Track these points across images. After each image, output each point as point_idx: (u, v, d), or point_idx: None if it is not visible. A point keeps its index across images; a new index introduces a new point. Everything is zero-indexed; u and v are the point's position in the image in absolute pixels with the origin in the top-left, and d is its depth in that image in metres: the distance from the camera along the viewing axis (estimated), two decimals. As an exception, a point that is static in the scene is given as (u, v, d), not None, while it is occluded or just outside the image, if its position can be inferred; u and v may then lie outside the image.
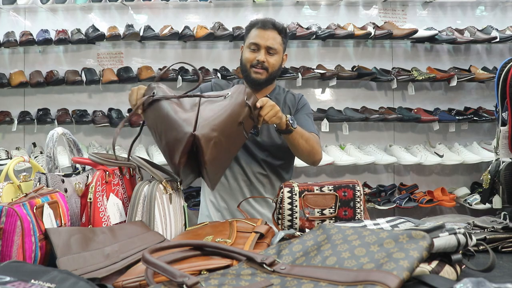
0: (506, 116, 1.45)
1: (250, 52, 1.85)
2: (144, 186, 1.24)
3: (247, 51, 1.87)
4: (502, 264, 1.09)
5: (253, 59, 1.84)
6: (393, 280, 0.67)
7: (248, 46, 1.86)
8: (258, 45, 1.83)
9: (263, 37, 1.83)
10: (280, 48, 1.87)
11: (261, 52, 1.83)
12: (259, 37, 1.83)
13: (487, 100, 3.46)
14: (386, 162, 3.21)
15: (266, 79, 1.86)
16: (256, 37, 1.84)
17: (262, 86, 1.89)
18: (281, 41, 1.87)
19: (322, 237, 0.85)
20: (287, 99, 1.94)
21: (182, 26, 3.21)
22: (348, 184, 1.36)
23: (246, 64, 1.86)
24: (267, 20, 1.87)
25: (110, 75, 3.16)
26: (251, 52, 1.85)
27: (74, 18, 3.34)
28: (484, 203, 2.23)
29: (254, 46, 1.84)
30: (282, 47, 1.89)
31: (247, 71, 1.87)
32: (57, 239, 0.95)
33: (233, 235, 1.10)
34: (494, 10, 3.54)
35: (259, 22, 1.87)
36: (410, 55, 3.49)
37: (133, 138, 1.43)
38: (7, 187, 1.11)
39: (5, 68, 3.26)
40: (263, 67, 1.83)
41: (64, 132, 1.38)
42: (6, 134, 3.28)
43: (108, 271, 0.91)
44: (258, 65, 1.83)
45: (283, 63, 1.93)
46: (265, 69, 1.84)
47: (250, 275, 0.78)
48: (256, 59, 1.83)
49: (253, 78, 1.85)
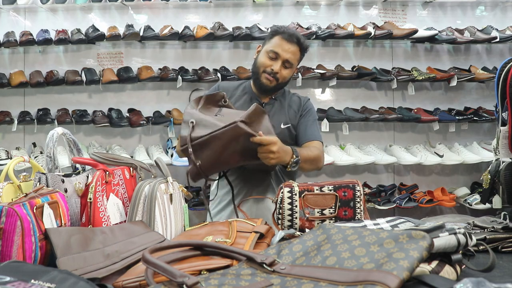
0: (506, 116, 1.45)
1: (268, 58, 1.85)
2: (145, 186, 1.24)
3: (265, 56, 1.86)
4: (502, 264, 1.09)
5: (268, 66, 1.85)
6: (393, 280, 0.67)
7: (267, 51, 1.86)
8: (277, 55, 1.83)
9: (285, 49, 1.83)
10: (296, 64, 1.90)
11: (278, 62, 1.84)
12: (281, 47, 1.83)
13: (487, 100, 3.46)
14: (386, 162, 3.21)
15: (274, 88, 1.89)
16: (278, 46, 1.84)
17: (268, 93, 1.92)
18: (299, 57, 1.90)
19: (322, 237, 0.85)
20: (292, 102, 1.96)
21: (182, 26, 3.21)
22: (348, 184, 1.36)
23: (260, 67, 1.87)
24: (293, 33, 1.87)
25: (110, 75, 3.16)
26: (268, 59, 1.85)
27: (74, 18, 3.34)
28: (484, 203, 2.23)
29: (273, 54, 1.84)
30: (298, 62, 1.92)
31: (258, 74, 1.88)
32: (57, 239, 0.95)
33: (233, 235, 1.10)
34: (494, 10, 3.54)
35: (286, 32, 1.86)
36: (410, 55, 3.49)
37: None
38: (7, 187, 1.12)
39: (5, 68, 3.26)
40: (275, 77, 1.85)
41: (64, 132, 1.38)
42: (6, 134, 3.28)
43: (108, 271, 0.91)
44: (271, 74, 1.84)
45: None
46: (276, 79, 1.85)
47: (250, 275, 0.78)
48: (271, 68, 1.84)
49: (262, 83, 1.87)
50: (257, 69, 1.89)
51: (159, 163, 1.39)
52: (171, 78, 3.14)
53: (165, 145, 3.26)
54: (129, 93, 3.37)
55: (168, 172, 1.37)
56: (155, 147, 3.20)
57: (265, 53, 1.87)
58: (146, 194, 1.23)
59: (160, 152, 3.15)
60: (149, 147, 3.23)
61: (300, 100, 1.98)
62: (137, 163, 1.42)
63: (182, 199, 1.39)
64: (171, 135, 3.19)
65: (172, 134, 3.19)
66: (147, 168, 1.43)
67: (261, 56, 1.89)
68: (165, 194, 1.26)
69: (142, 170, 1.42)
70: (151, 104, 3.34)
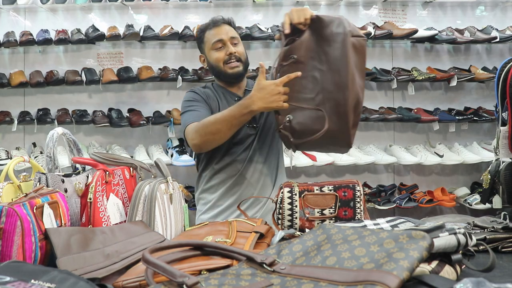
0: (506, 116, 1.45)
1: (216, 52, 1.82)
2: (145, 186, 1.24)
3: (213, 53, 1.83)
4: (502, 264, 1.09)
5: (223, 56, 1.81)
6: (393, 280, 0.67)
7: (211, 48, 1.83)
8: (222, 40, 1.81)
9: (222, 33, 1.82)
10: (239, 38, 1.87)
11: (228, 45, 1.81)
12: (218, 35, 1.82)
13: (487, 100, 3.46)
14: (386, 162, 3.21)
15: (244, 70, 1.85)
16: (215, 35, 1.82)
17: (241, 78, 1.88)
18: (235, 31, 1.88)
19: (322, 237, 0.85)
20: None
21: (182, 26, 3.21)
22: (348, 184, 1.36)
23: (218, 64, 1.83)
24: (214, 18, 1.86)
25: (110, 75, 3.16)
26: (218, 51, 1.82)
27: (74, 18, 3.34)
28: (484, 203, 2.23)
29: (218, 43, 1.81)
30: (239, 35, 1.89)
31: (221, 71, 1.84)
32: (57, 239, 0.95)
33: (233, 235, 1.10)
34: (494, 10, 3.54)
35: (210, 23, 1.86)
36: (410, 55, 3.49)
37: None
38: (7, 187, 1.12)
39: (5, 68, 3.26)
40: (236, 59, 1.82)
41: (64, 132, 1.38)
42: (6, 134, 3.28)
43: (108, 271, 0.91)
44: (232, 58, 1.81)
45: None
46: (238, 60, 1.82)
47: (250, 275, 0.78)
48: (227, 54, 1.81)
49: (231, 73, 1.82)
50: (216, 68, 1.85)
51: (159, 163, 1.39)
52: (171, 78, 3.14)
53: (165, 145, 3.26)
54: (129, 93, 3.37)
55: (168, 172, 1.37)
56: (155, 147, 3.20)
57: (211, 51, 1.84)
58: (146, 194, 1.23)
59: (160, 152, 3.15)
60: (149, 147, 3.22)
61: None
62: (137, 163, 1.42)
63: (182, 199, 1.39)
64: (171, 135, 3.19)
65: (172, 134, 3.18)
66: (147, 168, 1.43)
67: (210, 57, 1.85)
68: (165, 194, 1.26)
69: (142, 170, 1.42)
70: (151, 104, 3.34)
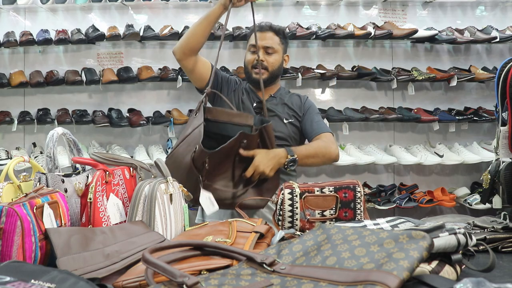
0: (506, 116, 1.45)
1: (250, 54, 1.97)
2: (145, 186, 1.24)
3: (248, 54, 1.99)
4: (502, 264, 1.09)
5: (253, 60, 1.94)
6: (393, 280, 0.67)
7: (248, 49, 1.99)
8: (255, 46, 1.91)
9: (260, 38, 1.93)
10: (278, 48, 1.96)
11: (260, 52, 1.92)
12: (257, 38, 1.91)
13: (487, 100, 3.46)
14: (386, 162, 3.21)
15: (268, 78, 1.95)
16: (253, 39, 1.93)
17: (265, 85, 1.94)
18: (279, 42, 1.97)
19: (322, 237, 0.85)
20: (293, 100, 2.00)
21: (182, 26, 3.21)
22: (348, 185, 1.36)
23: (248, 65, 1.98)
24: (265, 23, 2.00)
25: (110, 75, 3.16)
26: (251, 54, 1.97)
27: (74, 18, 3.34)
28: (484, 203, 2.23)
29: (253, 48, 1.94)
30: (281, 47, 1.98)
31: (248, 73, 1.98)
32: (57, 239, 0.95)
33: (233, 235, 1.10)
34: (494, 10, 3.53)
35: (258, 26, 1.97)
36: (410, 55, 3.49)
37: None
38: (7, 187, 1.11)
39: (5, 68, 3.25)
40: (262, 66, 1.91)
41: (64, 132, 1.38)
42: (6, 134, 3.28)
43: (108, 271, 0.91)
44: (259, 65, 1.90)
45: (285, 64, 2.03)
46: (265, 68, 1.93)
47: (250, 275, 0.78)
48: (255, 60, 1.92)
49: (254, 78, 1.95)
50: (246, 68, 2.01)
51: (159, 163, 1.39)
52: (171, 78, 3.14)
53: (165, 145, 3.26)
54: (129, 93, 3.37)
55: (168, 172, 1.37)
56: (155, 147, 3.19)
57: (247, 52, 2.01)
58: (146, 194, 1.23)
59: (160, 152, 3.15)
60: (149, 147, 3.22)
61: (300, 98, 2.03)
62: (137, 163, 1.42)
63: (182, 199, 1.39)
64: (171, 135, 3.19)
65: (172, 134, 3.18)
66: (147, 168, 1.43)
67: (245, 57, 2.02)
68: (165, 194, 1.26)
69: (142, 170, 1.42)
70: (151, 104, 3.34)
